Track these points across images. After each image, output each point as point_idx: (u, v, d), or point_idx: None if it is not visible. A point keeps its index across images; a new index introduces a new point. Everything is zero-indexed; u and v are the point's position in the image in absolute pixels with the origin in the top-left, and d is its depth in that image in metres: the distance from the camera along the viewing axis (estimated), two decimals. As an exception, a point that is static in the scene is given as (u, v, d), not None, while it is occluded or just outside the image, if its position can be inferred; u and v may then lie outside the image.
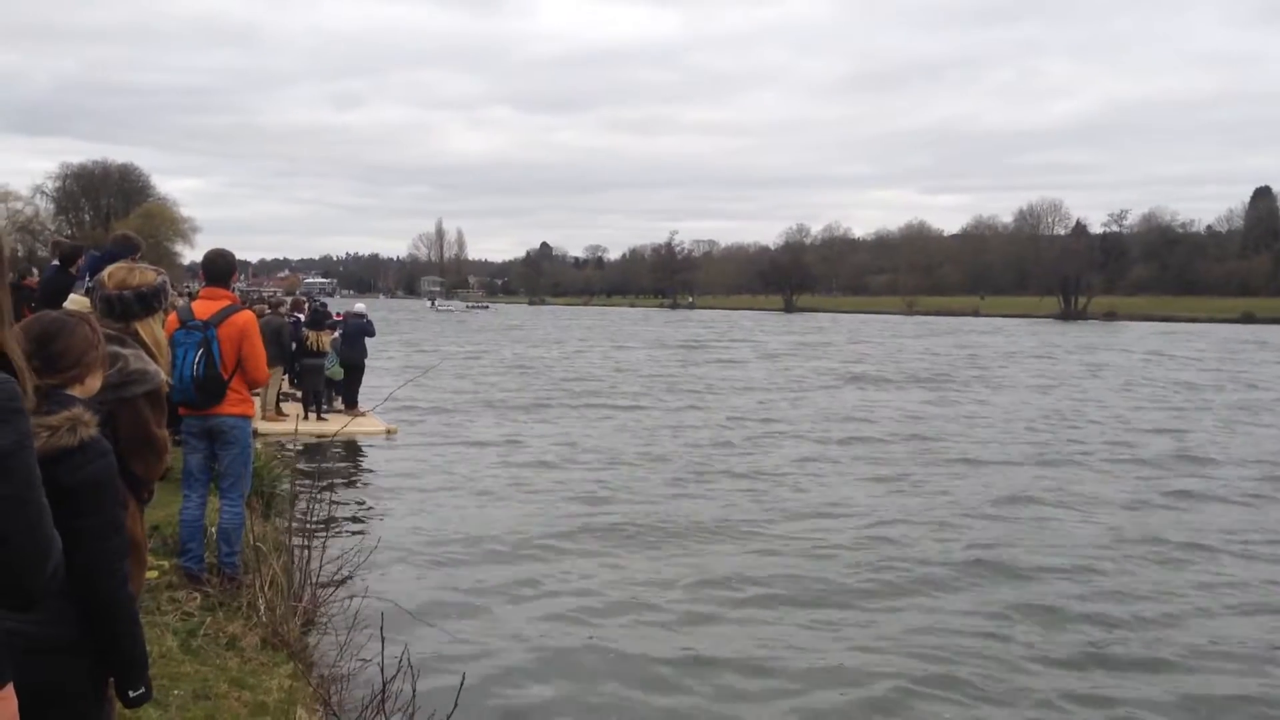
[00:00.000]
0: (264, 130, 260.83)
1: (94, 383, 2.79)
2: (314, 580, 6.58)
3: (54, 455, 2.38)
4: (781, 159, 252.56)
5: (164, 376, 3.88)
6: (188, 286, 26.83)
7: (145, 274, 4.14)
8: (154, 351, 3.95)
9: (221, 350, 6.38)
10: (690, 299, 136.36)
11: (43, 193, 78.19)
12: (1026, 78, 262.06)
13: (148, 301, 4.04)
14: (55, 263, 10.20)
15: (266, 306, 20.47)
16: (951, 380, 29.89)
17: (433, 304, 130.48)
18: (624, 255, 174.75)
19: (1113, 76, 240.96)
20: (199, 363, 6.33)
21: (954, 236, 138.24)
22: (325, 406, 17.94)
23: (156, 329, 4.10)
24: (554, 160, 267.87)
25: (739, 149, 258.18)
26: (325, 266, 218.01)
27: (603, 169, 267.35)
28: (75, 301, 7.06)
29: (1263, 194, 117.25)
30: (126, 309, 3.98)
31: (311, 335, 17.21)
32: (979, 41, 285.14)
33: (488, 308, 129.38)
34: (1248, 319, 79.75)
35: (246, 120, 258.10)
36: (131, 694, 2.57)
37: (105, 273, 4.13)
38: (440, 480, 13.40)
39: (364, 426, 16.36)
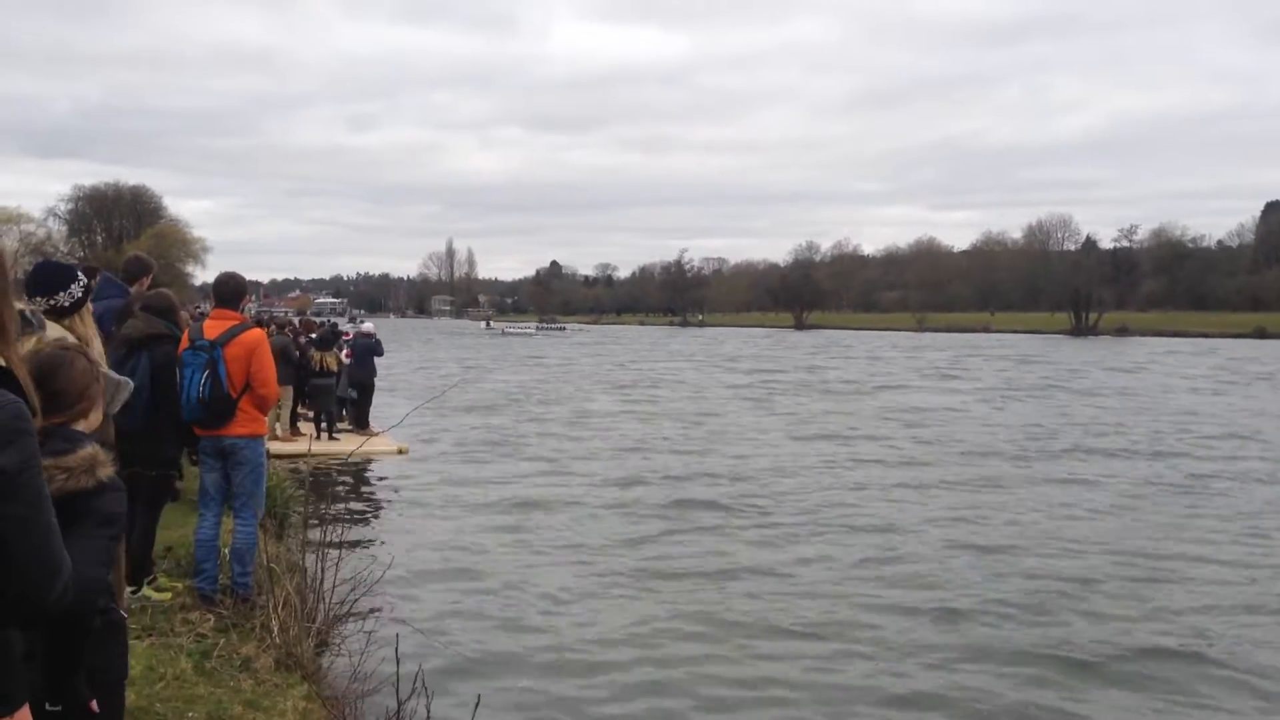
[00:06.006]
0: (278, 152, 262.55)
1: (96, 416, 2.79)
2: (327, 601, 6.54)
3: (71, 494, 2.39)
4: (790, 176, 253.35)
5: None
6: (198, 307, 26.86)
7: None
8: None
9: (229, 370, 6.38)
10: (700, 317, 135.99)
11: (55, 214, 78.87)
12: (1034, 95, 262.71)
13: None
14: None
15: (274, 326, 20.49)
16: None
17: (487, 325, 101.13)
18: (634, 273, 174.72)
19: (1120, 93, 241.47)
20: (205, 383, 6.33)
21: (964, 252, 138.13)
22: (339, 426, 17.96)
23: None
24: (564, 179, 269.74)
25: (748, 167, 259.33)
26: (336, 286, 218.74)
27: (613, 188, 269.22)
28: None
29: (1274, 208, 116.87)
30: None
31: (317, 355, 17.23)
32: (986, 60, 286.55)
33: (564, 329, 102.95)
34: (1260, 334, 79.28)
35: (261, 142, 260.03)
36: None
37: None
38: (453, 498, 13.37)
39: (376, 446, 16.36)
